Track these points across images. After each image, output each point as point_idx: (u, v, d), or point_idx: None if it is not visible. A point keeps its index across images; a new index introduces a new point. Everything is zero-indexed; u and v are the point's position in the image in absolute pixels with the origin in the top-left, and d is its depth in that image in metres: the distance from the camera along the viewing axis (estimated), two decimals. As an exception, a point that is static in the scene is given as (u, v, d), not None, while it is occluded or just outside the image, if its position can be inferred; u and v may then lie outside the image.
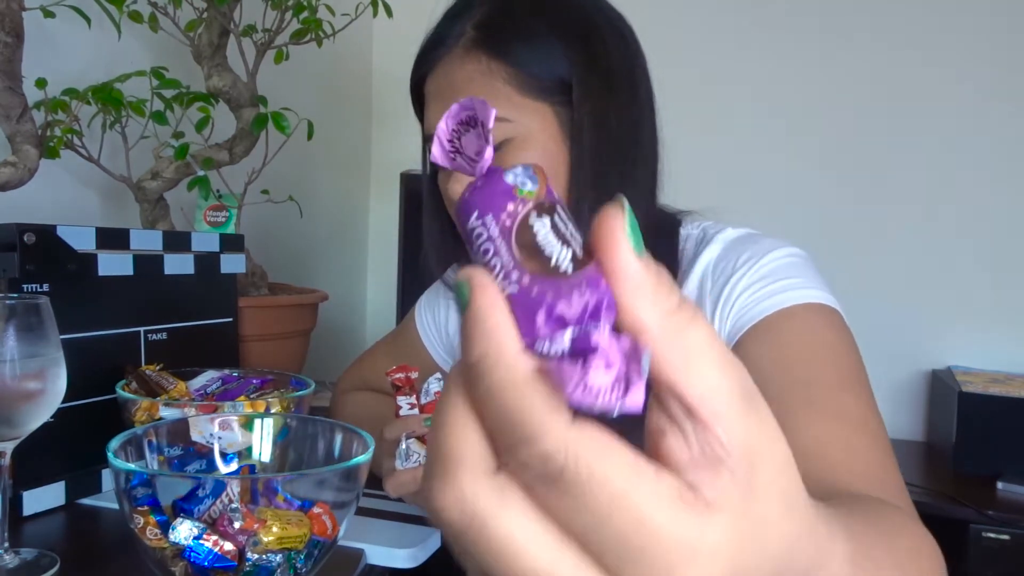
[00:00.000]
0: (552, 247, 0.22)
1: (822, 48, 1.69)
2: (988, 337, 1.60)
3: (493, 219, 0.22)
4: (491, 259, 0.22)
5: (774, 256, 0.65)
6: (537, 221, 0.22)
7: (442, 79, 0.69)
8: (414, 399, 0.68)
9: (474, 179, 0.24)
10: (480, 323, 0.21)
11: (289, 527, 0.49)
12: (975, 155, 1.61)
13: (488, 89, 0.66)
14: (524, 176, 0.23)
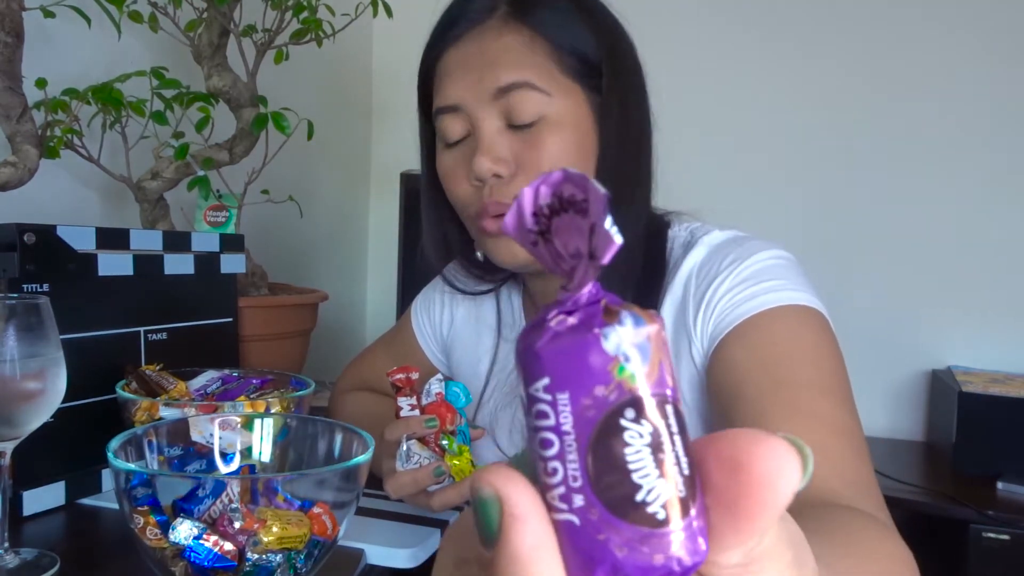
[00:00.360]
0: (644, 474, 0.15)
1: (822, 45, 1.69)
2: (988, 337, 1.60)
3: (570, 402, 0.16)
4: (549, 460, 0.16)
5: (758, 258, 0.65)
6: (634, 427, 0.15)
7: (471, 49, 0.67)
8: (415, 400, 0.68)
9: (556, 309, 0.17)
10: (517, 574, 0.15)
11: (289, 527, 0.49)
12: (975, 155, 1.61)
13: (529, 61, 0.65)
14: (632, 343, 0.16)
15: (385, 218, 1.95)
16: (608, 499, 0.15)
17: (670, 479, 0.15)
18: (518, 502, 0.15)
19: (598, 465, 0.15)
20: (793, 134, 1.71)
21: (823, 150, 1.70)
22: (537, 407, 0.16)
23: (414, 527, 0.71)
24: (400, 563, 0.65)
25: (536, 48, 0.65)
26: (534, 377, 0.16)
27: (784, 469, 0.15)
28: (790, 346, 0.59)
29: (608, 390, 0.15)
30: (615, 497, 0.15)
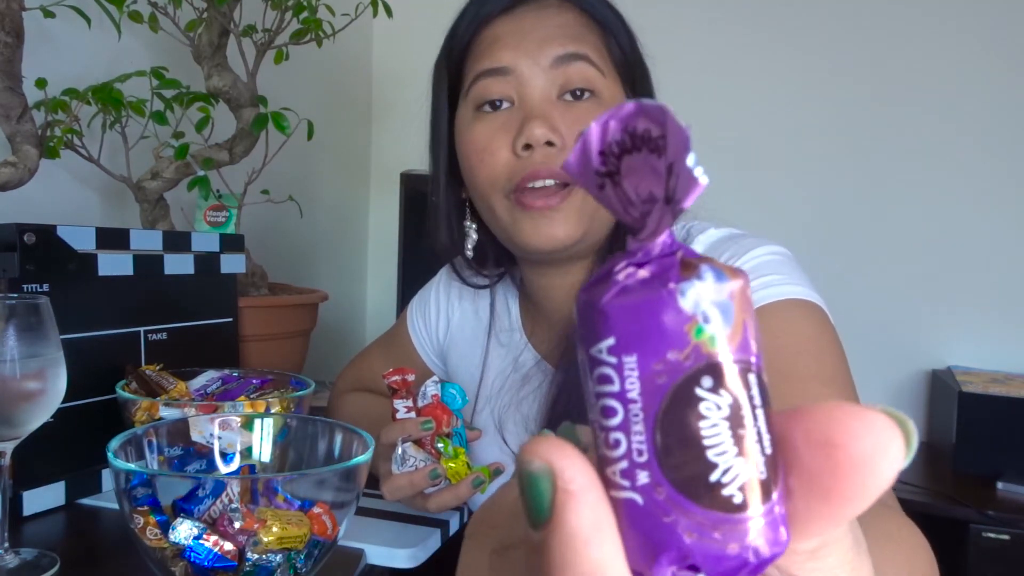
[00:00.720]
0: (720, 451, 0.13)
1: (824, 45, 1.69)
2: (988, 337, 1.60)
3: (638, 366, 0.14)
4: (611, 431, 0.14)
5: (755, 254, 0.65)
6: (711, 398, 0.14)
7: (528, 19, 0.68)
8: (411, 402, 0.68)
9: (625, 260, 0.15)
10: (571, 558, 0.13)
11: (289, 527, 0.49)
12: (976, 155, 1.61)
13: (589, 40, 0.67)
14: (713, 301, 0.14)
15: (385, 218, 1.95)
16: (678, 477, 0.13)
17: (750, 459, 0.13)
18: (573, 476, 0.13)
19: (668, 439, 0.13)
20: (794, 134, 1.71)
21: (824, 150, 1.70)
22: (599, 371, 0.14)
23: (414, 527, 0.71)
24: (400, 563, 0.65)
25: (592, 31, 0.69)
26: (598, 337, 0.14)
27: (888, 448, 0.13)
28: (790, 339, 0.58)
29: (683, 354, 0.13)
30: (686, 476, 0.13)
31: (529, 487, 0.14)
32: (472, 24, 0.71)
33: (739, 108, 1.73)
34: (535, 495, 0.14)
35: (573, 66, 0.66)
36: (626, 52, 0.71)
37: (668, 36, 1.71)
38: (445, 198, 0.76)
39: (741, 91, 1.73)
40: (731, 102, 1.74)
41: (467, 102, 0.70)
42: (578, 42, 0.67)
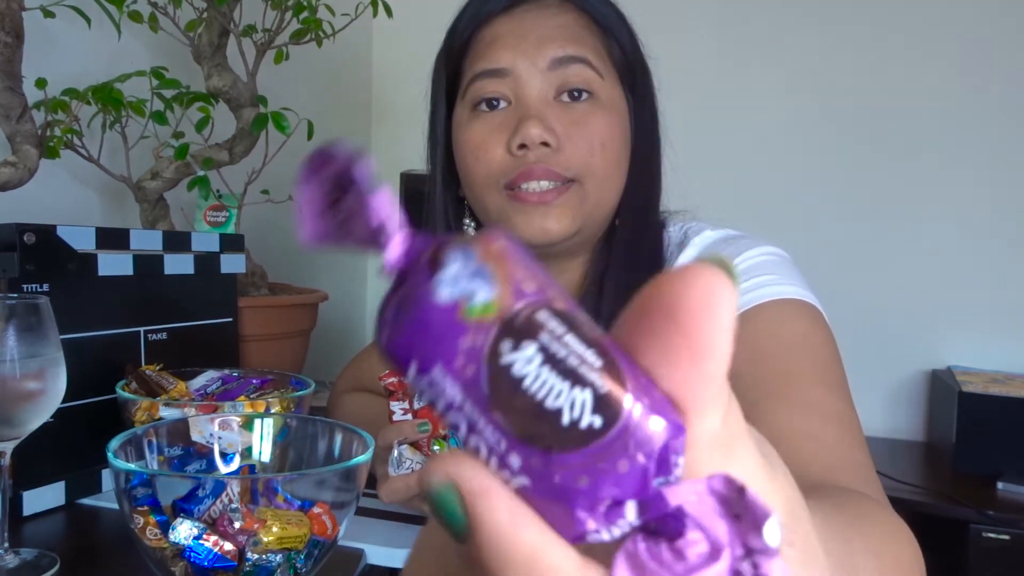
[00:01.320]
0: (555, 394, 0.13)
1: (824, 44, 1.69)
2: (988, 337, 1.60)
3: (446, 373, 0.14)
4: (468, 440, 0.14)
5: (749, 255, 0.65)
6: (517, 356, 0.14)
7: (528, 20, 0.68)
8: (407, 404, 0.68)
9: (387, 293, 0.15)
10: (505, 551, 0.13)
11: (289, 527, 0.49)
12: (976, 155, 1.61)
13: (588, 42, 0.67)
14: (468, 275, 0.14)
15: (385, 218, 1.95)
16: (538, 442, 0.13)
17: (586, 381, 0.13)
18: (474, 476, 0.14)
19: (507, 416, 0.13)
20: (794, 133, 1.71)
21: (823, 150, 1.70)
22: (426, 396, 0.14)
23: (414, 527, 0.71)
24: (400, 563, 0.65)
25: (593, 32, 0.68)
26: (404, 371, 0.14)
27: (716, 287, 0.14)
28: (782, 338, 0.58)
29: (471, 338, 0.14)
30: (543, 435, 0.13)
31: (439, 504, 0.14)
32: (472, 22, 0.71)
33: (739, 108, 1.73)
34: (448, 509, 0.14)
35: (571, 68, 0.66)
36: (627, 53, 0.70)
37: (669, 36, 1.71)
38: (442, 196, 0.76)
39: (741, 91, 1.73)
40: (731, 102, 1.74)
41: (464, 101, 0.70)
42: (577, 44, 0.67)
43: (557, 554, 0.14)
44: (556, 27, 0.67)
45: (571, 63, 0.66)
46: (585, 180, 0.67)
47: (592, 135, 0.66)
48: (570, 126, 0.66)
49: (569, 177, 0.66)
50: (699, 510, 0.14)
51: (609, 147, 0.67)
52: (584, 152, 0.66)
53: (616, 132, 0.68)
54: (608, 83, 0.68)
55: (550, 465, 0.13)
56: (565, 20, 0.68)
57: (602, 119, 0.66)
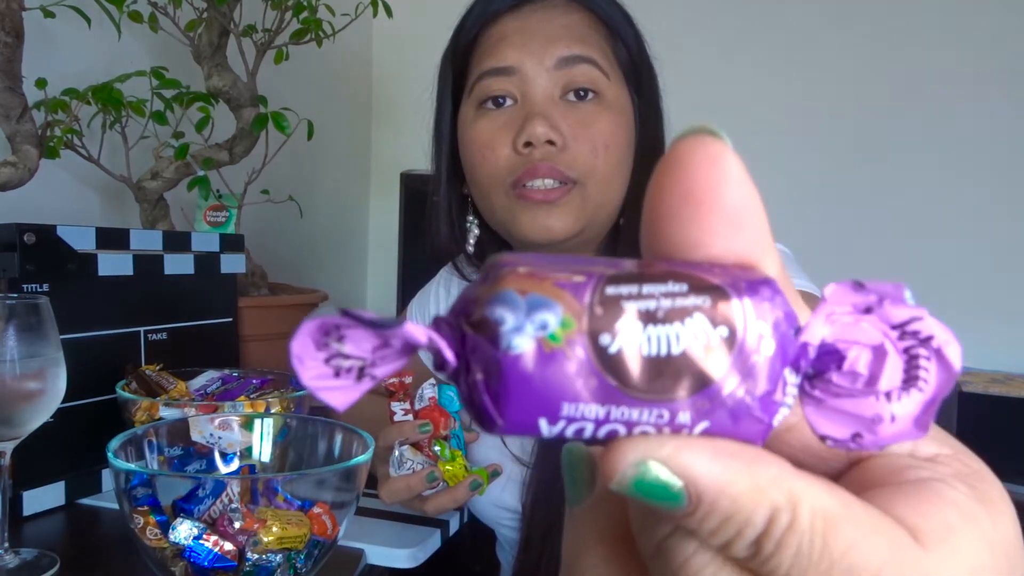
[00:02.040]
0: (675, 339, 0.13)
1: (828, 42, 1.69)
2: (988, 337, 1.60)
3: (573, 406, 0.13)
4: (637, 427, 0.14)
5: None
6: (620, 342, 0.13)
7: (535, 19, 0.69)
8: (408, 404, 0.68)
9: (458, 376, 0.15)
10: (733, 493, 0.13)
11: (289, 527, 0.49)
12: (976, 155, 1.61)
13: (595, 42, 0.67)
14: (524, 315, 0.13)
15: (385, 218, 1.95)
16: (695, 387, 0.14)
17: (689, 309, 0.14)
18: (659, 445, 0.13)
19: (654, 389, 0.13)
20: (794, 132, 1.71)
21: (823, 150, 1.70)
22: (574, 436, 0.14)
23: (414, 527, 0.71)
24: (400, 563, 0.65)
25: (599, 32, 0.68)
26: (538, 434, 0.14)
27: (707, 150, 0.14)
28: None
29: (574, 359, 0.13)
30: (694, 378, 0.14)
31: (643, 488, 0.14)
32: (479, 21, 0.71)
33: (742, 106, 1.73)
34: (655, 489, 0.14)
35: (577, 68, 0.66)
36: (632, 54, 0.70)
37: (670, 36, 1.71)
38: (447, 193, 0.76)
39: (741, 91, 1.73)
40: (731, 102, 1.74)
41: (471, 99, 0.70)
42: (583, 44, 0.67)
43: (774, 465, 0.14)
44: (563, 26, 0.67)
45: (577, 63, 0.66)
46: (587, 181, 0.66)
47: (596, 135, 0.66)
48: (575, 125, 0.66)
49: (572, 177, 0.66)
50: (838, 330, 0.14)
51: (612, 148, 0.67)
52: (588, 152, 0.66)
53: (620, 133, 0.68)
54: (614, 83, 0.68)
55: (715, 397, 0.14)
56: (572, 20, 0.68)
57: (607, 119, 0.66)
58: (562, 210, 0.66)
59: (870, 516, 0.14)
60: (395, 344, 0.15)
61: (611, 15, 0.70)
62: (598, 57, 0.67)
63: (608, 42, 0.69)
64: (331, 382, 0.15)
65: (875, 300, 0.15)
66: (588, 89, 0.67)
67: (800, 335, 0.14)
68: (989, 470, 0.16)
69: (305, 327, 0.15)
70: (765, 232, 0.15)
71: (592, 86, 0.67)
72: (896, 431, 0.15)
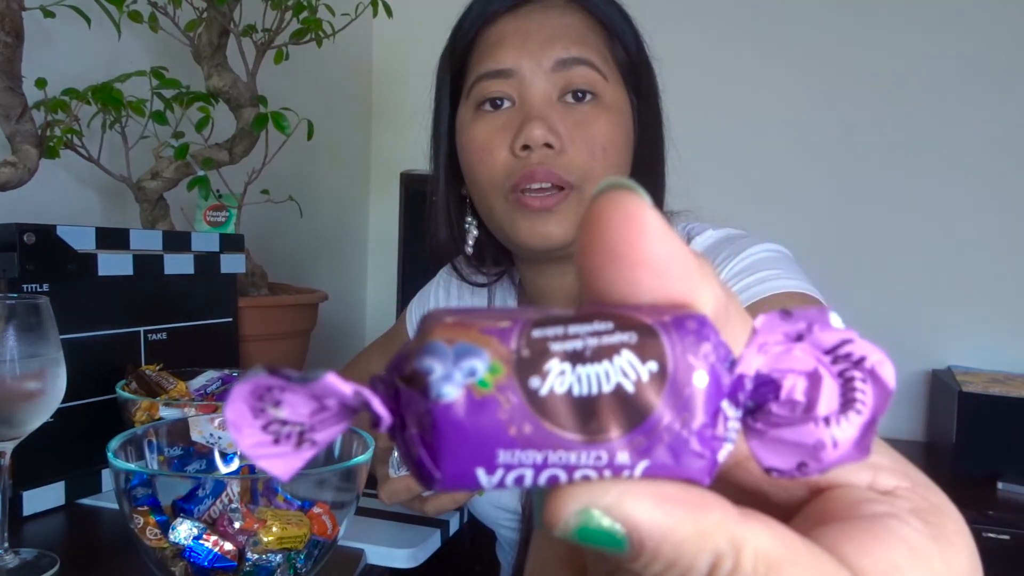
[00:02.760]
0: (604, 377, 0.13)
1: (829, 48, 1.69)
2: (988, 337, 1.60)
3: (509, 453, 0.13)
4: (577, 471, 0.14)
5: (751, 251, 0.65)
6: (549, 383, 0.13)
7: (533, 20, 0.68)
8: None
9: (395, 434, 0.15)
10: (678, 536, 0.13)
11: (289, 527, 0.49)
12: (976, 155, 1.61)
13: (593, 43, 0.67)
14: (452, 364, 0.13)
15: (385, 218, 1.95)
16: (627, 425, 0.14)
17: (616, 345, 0.14)
18: (602, 492, 0.14)
19: (588, 430, 0.13)
20: (796, 135, 1.71)
21: (825, 151, 1.70)
22: (513, 486, 0.14)
23: (414, 527, 0.71)
24: (400, 563, 0.65)
25: (597, 33, 0.68)
26: (477, 485, 0.14)
27: (622, 204, 0.14)
28: None
29: (505, 405, 0.13)
30: (625, 416, 0.14)
31: (589, 536, 0.14)
32: (477, 21, 0.71)
33: (740, 108, 1.73)
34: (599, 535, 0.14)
35: (575, 70, 0.66)
36: (631, 54, 0.70)
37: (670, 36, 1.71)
38: (445, 194, 0.76)
39: (743, 91, 1.73)
40: (733, 102, 1.74)
41: (469, 100, 0.70)
42: (581, 45, 0.67)
43: (717, 510, 0.14)
44: (561, 28, 0.67)
45: (575, 65, 0.66)
46: (585, 185, 0.66)
47: (594, 138, 0.66)
48: (573, 128, 0.66)
49: (570, 182, 0.66)
50: (771, 360, 0.15)
51: (610, 151, 0.67)
52: (586, 155, 0.66)
53: (618, 135, 0.68)
54: (612, 85, 0.68)
55: (652, 433, 0.13)
56: (570, 21, 0.68)
57: (605, 122, 0.66)
58: (560, 217, 0.66)
59: (814, 558, 0.14)
60: (331, 406, 0.15)
61: (610, 15, 0.69)
62: (596, 59, 0.67)
63: (606, 43, 0.69)
64: (270, 450, 0.15)
65: (804, 327, 0.15)
66: (586, 91, 0.66)
67: (735, 367, 0.14)
68: (950, 504, 0.16)
69: (237, 392, 0.15)
70: (692, 275, 0.15)
71: (590, 88, 0.66)
72: (838, 456, 0.15)
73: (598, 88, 0.66)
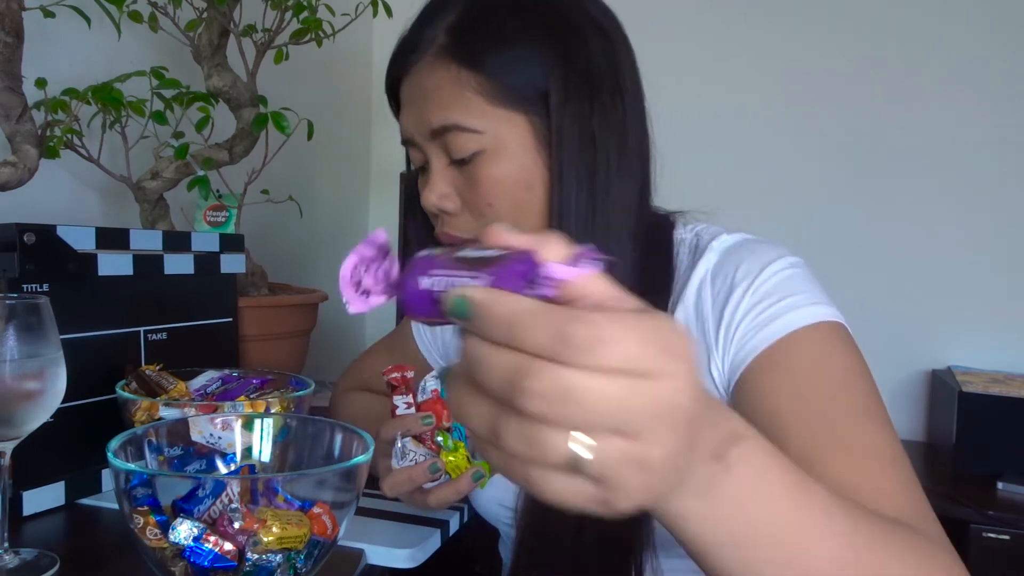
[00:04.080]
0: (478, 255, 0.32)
1: (828, 47, 1.69)
2: (988, 337, 1.60)
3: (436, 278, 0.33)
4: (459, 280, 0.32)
5: (773, 270, 0.63)
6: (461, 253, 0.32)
7: (414, 85, 0.67)
8: (410, 398, 0.68)
9: None
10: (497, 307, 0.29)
11: (289, 527, 0.49)
12: (975, 155, 1.61)
13: (457, 98, 0.63)
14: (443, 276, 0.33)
15: (385, 218, 1.95)
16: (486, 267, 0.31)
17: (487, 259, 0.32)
18: (469, 289, 0.31)
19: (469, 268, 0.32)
20: (795, 135, 1.71)
21: (824, 149, 1.70)
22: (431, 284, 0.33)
23: (414, 527, 0.71)
24: (400, 563, 0.65)
25: (463, 84, 0.63)
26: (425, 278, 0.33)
27: None
28: (822, 372, 0.57)
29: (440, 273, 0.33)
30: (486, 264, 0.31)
31: (454, 304, 0.30)
32: (389, 87, 0.71)
33: (739, 107, 1.73)
34: (460, 306, 0.30)
35: (446, 137, 0.64)
36: (529, 82, 0.63)
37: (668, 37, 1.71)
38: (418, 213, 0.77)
39: (741, 90, 1.73)
40: (731, 101, 1.74)
41: None
42: (445, 109, 0.63)
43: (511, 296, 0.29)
44: (429, 90, 0.65)
45: (443, 133, 0.64)
46: None
47: (478, 195, 0.64)
48: (463, 188, 0.65)
49: (468, 240, 0.67)
50: None
51: (496, 203, 0.64)
52: (475, 215, 0.66)
53: (507, 178, 0.64)
54: (493, 130, 0.63)
55: (496, 270, 0.30)
56: (436, 79, 0.64)
57: (489, 173, 0.63)
58: None
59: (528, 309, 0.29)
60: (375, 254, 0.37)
61: (482, 54, 0.63)
62: (461, 118, 0.63)
63: (479, 89, 0.63)
64: (356, 299, 0.37)
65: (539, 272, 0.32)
66: (467, 155, 0.64)
67: (538, 266, 0.30)
68: None
69: (348, 260, 0.37)
70: None
71: (464, 153, 0.64)
72: None
73: (473, 146, 0.63)
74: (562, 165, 0.63)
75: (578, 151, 0.63)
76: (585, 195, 0.64)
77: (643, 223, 0.68)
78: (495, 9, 0.65)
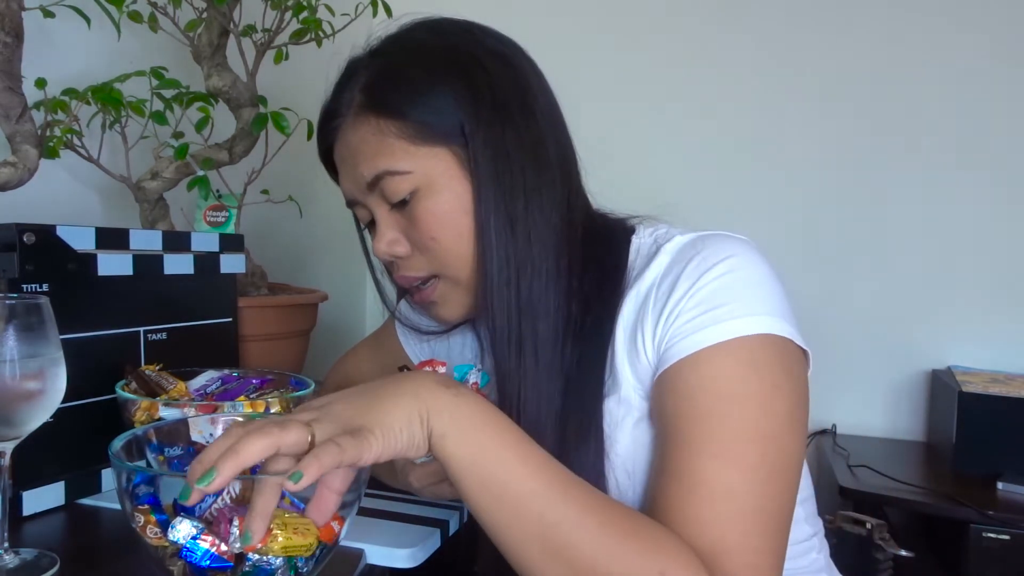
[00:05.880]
0: None
1: (822, 46, 1.69)
2: (988, 337, 1.60)
3: None
4: None
5: (714, 274, 0.60)
6: None
7: (343, 147, 0.71)
8: None
9: None
10: None
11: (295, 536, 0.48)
12: (975, 155, 1.61)
13: (382, 146, 0.66)
14: None
15: (385, 218, 1.95)
16: None
17: None
18: None
19: None
20: (793, 132, 1.71)
21: (822, 149, 1.70)
22: None
23: (414, 527, 0.71)
24: (400, 563, 0.65)
25: (385, 132, 0.66)
26: None
27: None
28: (706, 399, 0.57)
29: None
30: None
31: None
32: (322, 156, 0.77)
33: (737, 107, 1.73)
34: None
35: (380, 185, 0.67)
36: (443, 117, 0.66)
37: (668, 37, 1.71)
38: None
39: (740, 90, 1.73)
40: (730, 101, 1.74)
41: None
42: (373, 159, 0.66)
43: None
44: (356, 146, 0.69)
45: (377, 182, 0.67)
46: (442, 272, 0.68)
47: (422, 233, 0.67)
48: (409, 230, 0.68)
49: (424, 277, 0.69)
50: None
51: (439, 235, 0.66)
52: (424, 252, 0.68)
53: (444, 210, 0.66)
54: (421, 168, 0.66)
55: None
56: (361, 134, 0.68)
57: (425, 209, 0.66)
58: (441, 302, 0.70)
59: None
60: None
61: (394, 103, 0.66)
62: (389, 164, 0.66)
63: (400, 133, 0.66)
64: None
65: None
66: (403, 198, 0.67)
67: None
68: None
69: None
70: None
71: (399, 195, 0.66)
72: None
73: (407, 187, 0.66)
74: (481, 185, 0.66)
75: (494, 170, 0.66)
76: (504, 209, 0.66)
77: (576, 231, 0.68)
78: (401, 63, 0.69)
